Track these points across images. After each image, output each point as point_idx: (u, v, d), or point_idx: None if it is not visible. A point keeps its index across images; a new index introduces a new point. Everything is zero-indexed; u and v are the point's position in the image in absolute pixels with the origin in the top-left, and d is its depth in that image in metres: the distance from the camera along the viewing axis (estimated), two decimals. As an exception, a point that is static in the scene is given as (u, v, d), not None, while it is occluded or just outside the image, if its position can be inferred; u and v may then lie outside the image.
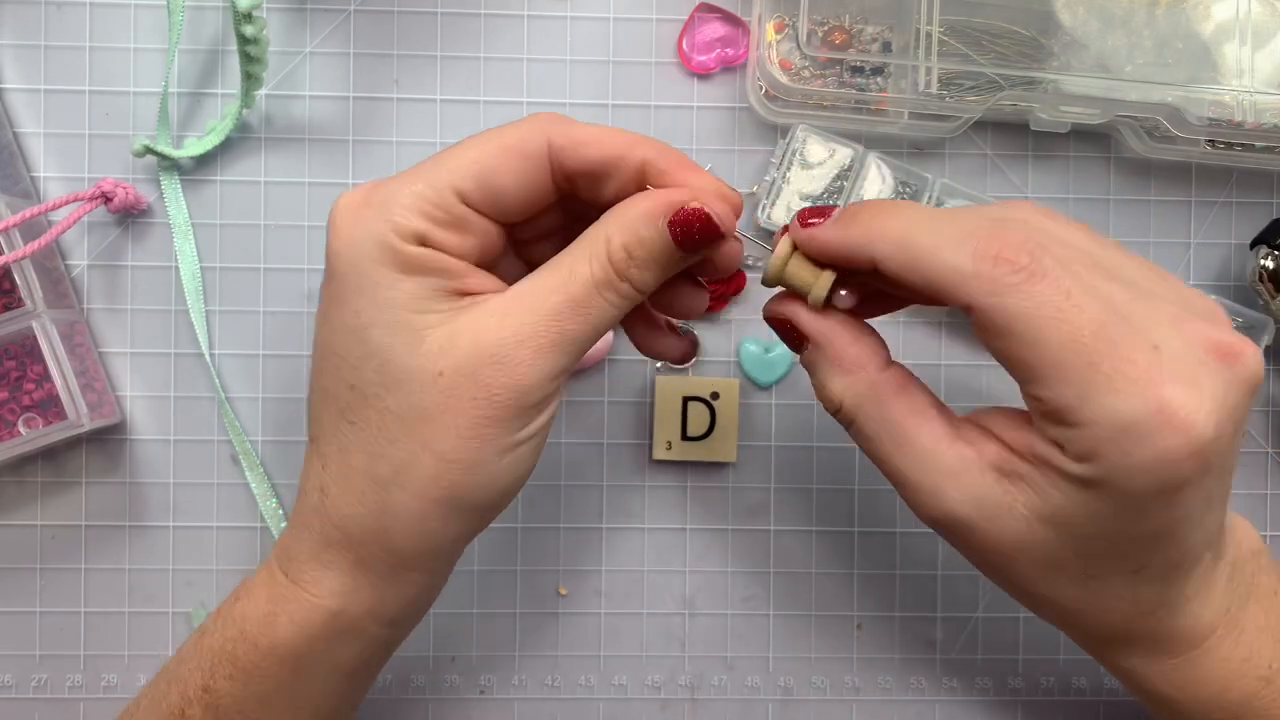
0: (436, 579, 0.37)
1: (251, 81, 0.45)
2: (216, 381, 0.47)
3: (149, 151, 0.46)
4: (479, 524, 0.35)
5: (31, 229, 0.44)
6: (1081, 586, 0.33)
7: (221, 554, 0.47)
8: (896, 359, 0.35)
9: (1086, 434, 0.30)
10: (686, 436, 0.48)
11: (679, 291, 0.36)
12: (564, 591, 0.48)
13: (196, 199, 0.47)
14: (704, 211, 0.33)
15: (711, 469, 0.49)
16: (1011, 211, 0.33)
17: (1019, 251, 0.30)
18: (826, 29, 0.47)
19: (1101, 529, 0.31)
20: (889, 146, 0.48)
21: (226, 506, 0.48)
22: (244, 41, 0.43)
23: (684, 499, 0.49)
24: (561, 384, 0.34)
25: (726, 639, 0.49)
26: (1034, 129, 0.47)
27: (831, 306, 0.35)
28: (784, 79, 0.46)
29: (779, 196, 0.47)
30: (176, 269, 0.47)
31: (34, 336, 0.44)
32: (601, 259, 0.33)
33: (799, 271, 0.34)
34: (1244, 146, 0.47)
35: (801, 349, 0.36)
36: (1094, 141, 0.49)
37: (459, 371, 0.32)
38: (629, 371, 0.48)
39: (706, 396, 0.47)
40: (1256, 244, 0.47)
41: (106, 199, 0.45)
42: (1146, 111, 0.45)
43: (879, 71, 0.47)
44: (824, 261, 0.34)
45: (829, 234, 0.34)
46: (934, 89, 0.45)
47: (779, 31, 0.47)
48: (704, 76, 0.48)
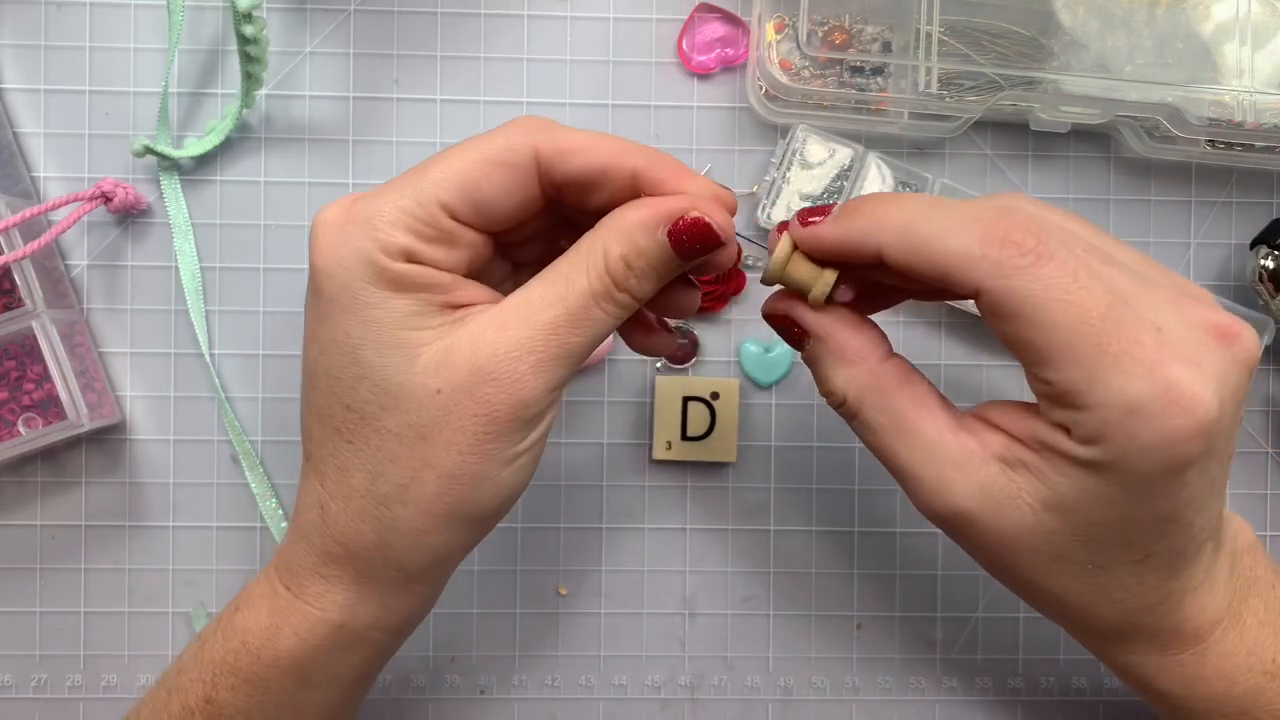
0: (439, 587, 0.37)
1: (251, 81, 0.45)
2: (216, 381, 0.47)
3: (149, 151, 0.46)
4: (481, 533, 0.35)
5: (31, 229, 0.44)
6: (1088, 578, 0.33)
7: (221, 554, 0.47)
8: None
9: (1094, 416, 0.30)
10: (686, 436, 0.48)
11: (672, 292, 0.36)
12: (564, 591, 0.48)
13: (196, 199, 0.47)
14: (704, 220, 0.32)
15: (711, 469, 0.49)
16: (1010, 200, 0.33)
17: (1025, 234, 0.30)
18: (826, 29, 0.47)
19: (1108, 514, 0.31)
20: (889, 146, 0.48)
21: (226, 506, 0.48)
22: (244, 41, 0.43)
23: (684, 499, 0.49)
24: (561, 394, 0.34)
25: (726, 639, 0.49)
26: (1034, 129, 0.47)
27: (831, 302, 0.35)
28: (784, 79, 0.46)
29: (779, 196, 0.47)
30: (176, 269, 0.47)
31: (34, 336, 0.44)
32: (599, 270, 0.32)
33: (799, 271, 0.34)
34: (1244, 146, 0.47)
35: (802, 345, 0.35)
36: (1094, 141, 0.49)
37: (457, 389, 0.32)
38: (629, 371, 0.48)
39: (706, 396, 0.47)
40: (1256, 244, 0.47)
41: (106, 199, 0.45)
42: (1146, 111, 0.45)
43: (879, 71, 0.47)
44: (827, 259, 0.34)
45: (831, 230, 0.33)
46: (934, 89, 0.45)
47: (779, 31, 0.47)
48: (704, 76, 0.48)
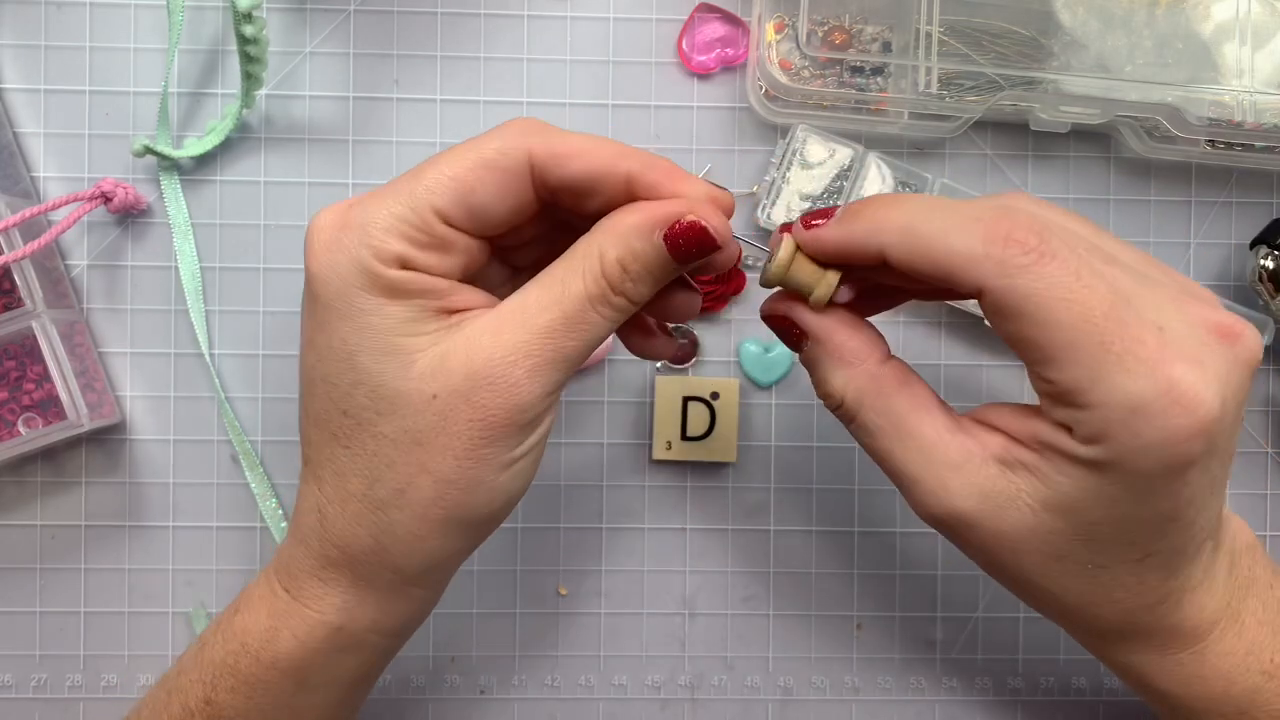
0: (438, 591, 0.37)
1: (251, 81, 0.45)
2: (216, 381, 0.47)
3: (149, 151, 0.46)
4: (480, 537, 0.35)
5: (31, 229, 0.44)
6: (1088, 577, 0.33)
7: (221, 554, 0.47)
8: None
9: (1096, 415, 0.30)
10: (686, 436, 0.48)
11: (671, 296, 0.36)
12: (564, 591, 0.48)
13: (196, 199, 0.47)
14: (699, 224, 0.32)
15: (711, 469, 0.49)
16: (1012, 200, 0.33)
17: (1028, 233, 0.30)
18: (826, 29, 0.47)
19: (1109, 514, 0.31)
20: (889, 146, 0.48)
21: (226, 506, 0.48)
22: (244, 41, 0.43)
23: (684, 499, 0.49)
24: (558, 398, 0.34)
25: (726, 639, 0.49)
26: (1034, 129, 0.47)
27: (831, 303, 0.35)
28: (784, 79, 0.46)
29: (779, 196, 0.47)
30: (176, 269, 0.47)
31: (34, 336, 0.44)
32: (595, 274, 0.32)
33: (801, 272, 0.34)
34: (1244, 146, 0.47)
35: (800, 347, 0.35)
36: (1094, 141, 0.49)
37: (453, 394, 0.32)
38: (629, 371, 0.48)
39: (706, 396, 0.47)
40: (1256, 244, 0.47)
41: (106, 199, 0.45)
42: (1146, 111, 0.45)
43: (879, 71, 0.47)
44: (829, 260, 0.34)
45: (834, 232, 0.33)
46: (934, 89, 0.45)
47: (779, 31, 0.47)
48: (704, 76, 0.48)
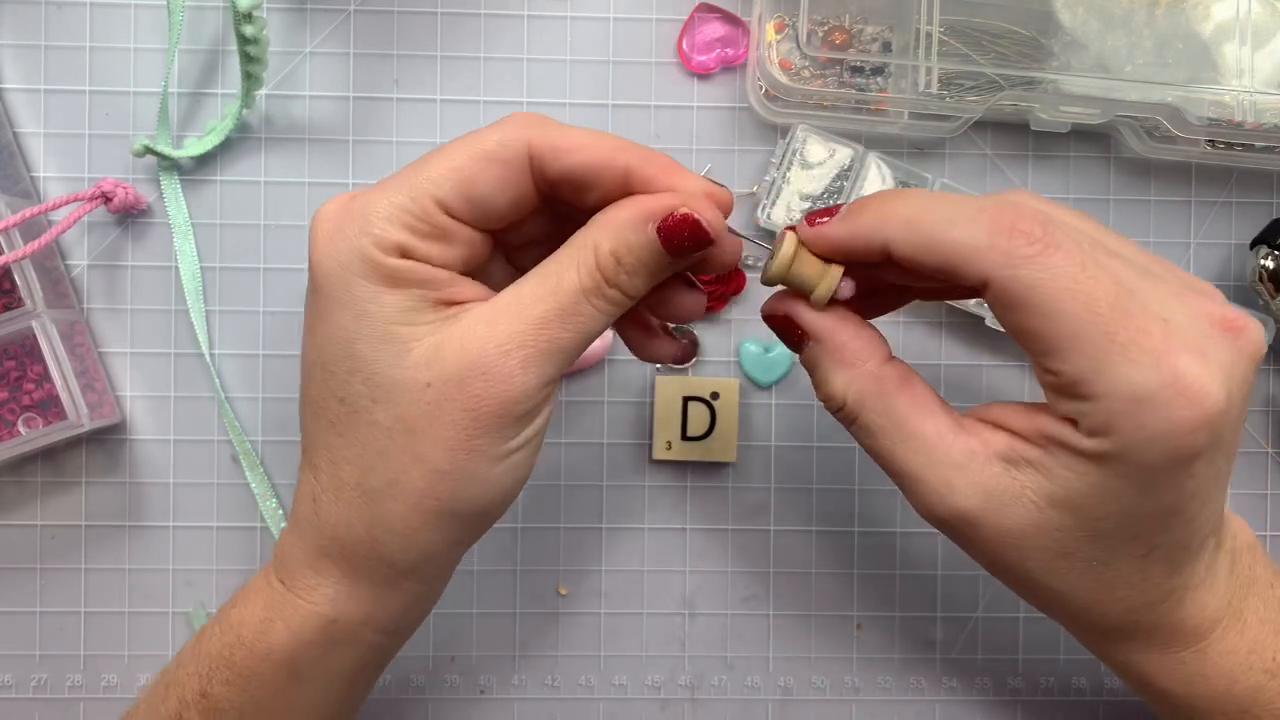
0: (433, 586, 0.37)
1: (251, 81, 0.45)
2: (216, 381, 0.47)
3: (149, 151, 0.46)
4: (474, 532, 0.35)
5: (31, 229, 0.44)
6: (1092, 574, 0.33)
7: (221, 554, 0.47)
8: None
9: (1101, 406, 0.30)
10: (686, 436, 0.48)
11: (676, 296, 0.36)
12: (564, 591, 0.48)
13: (196, 199, 0.47)
14: (693, 217, 0.32)
15: (711, 469, 0.49)
16: (1014, 195, 0.33)
17: (1033, 224, 0.30)
18: (826, 29, 0.47)
19: (1114, 508, 0.31)
20: (889, 146, 0.48)
21: (226, 506, 0.48)
22: (244, 41, 0.43)
23: (684, 499, 0.49)
24: (553, 391, 0.33)
25: (726, 639, 0.49)
26: (1034, 129, 0.47)
27: (832, 302, 0.35)
28: (784, 79, 0.46)
29: (779, 196, 0.47)
30: (176, 269, 0.47)
31: (34, 336, 0.44)
32: (590, 266, 0.32)
33: (804, 269, 0.34)
34: (1244, 146, 0.47)
35: (801, 347, 0.35)
36: (1094, 141, 0.49)
37: (446, 382, 0.32)
38: (629, 371, 0.48)
39: (706, 396, 0.47)
40: (1256, 244, 0.47)
41: (106, 199, 0.45)
42: (1146, 111, 0.45)
43: (879, 71, 0.47)
44: (833, 257, 0.34)
45: (839, 228, 0.33)
46: (934, 89, 0.45)
47: (779, 31, 0.47)
48: (704, 76, 0.48)
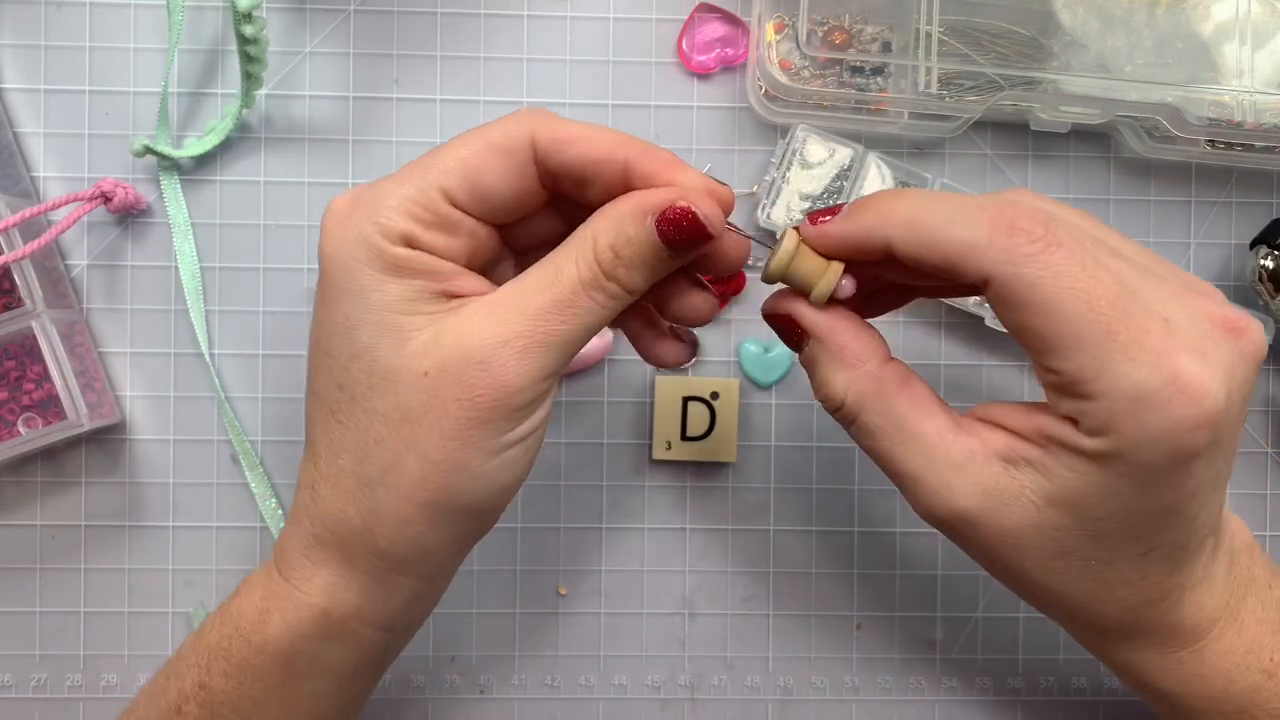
0: (431, 585, 0.36)
1: (251, 81, 0.45)
2: (216, 381, 0.47)
3: (149, 151, 0.46)
4: (469, 529, 0.35)
5: (31, 229, 0.44)
6: (1091, 574, 0.33)
7: (221, 554, 0.47)
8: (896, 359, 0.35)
9: (1101, 405, 0.30)
10: (686, 436, 0.48)
11: (685, 297, 0.36)
12: (564, 591, 0.48)
13: (196, 199, 0.47)
14: (690, 210, 0.32)
15: (711, 469, 0.49)
16: (1016, 194, 0.33)
17: (1033, 222, 0.30)
18: (826, 29, 0.47)
19: (1114, 507, 0.31)
20: (889, 146, 0.48)
21: (226, 506, 0.48)
22: (244, 41, 0.43)
23: (684, 499, 0.49)
24: (551, 386, 0.33)
25: (726, 639, 0.49)
26: (1034, 129, 0.47)
27: (832, 301, 0.34)
28: (784, 79, 0.46)
29: (779, 196, 0.47)
30: (176, 269, 0.47)
31: (34, 336, 0.44)
32: (588, 259, 0.32)
33: (804, 265, 0.34)
34: (1244, 146, 0.47)
35: (801, 346, 0.35)
36: (1094, 141, 0.49)
37: (443, 372, 0.32)
38: (629, 371, 0.48)
39: (706, 396, 0.47)
40: (1256, 244, 0.47)
41: (106, 199, 0.45)
42: (1146, 111, 0.45)
43: (879, 71, 0.47)
44: (835, 255, 0.34)
45: (840, 227, 0.33)
46: (934, 89, 0.45)
47: (779, 31, 0.47)
48: (704, 76, 0.48)
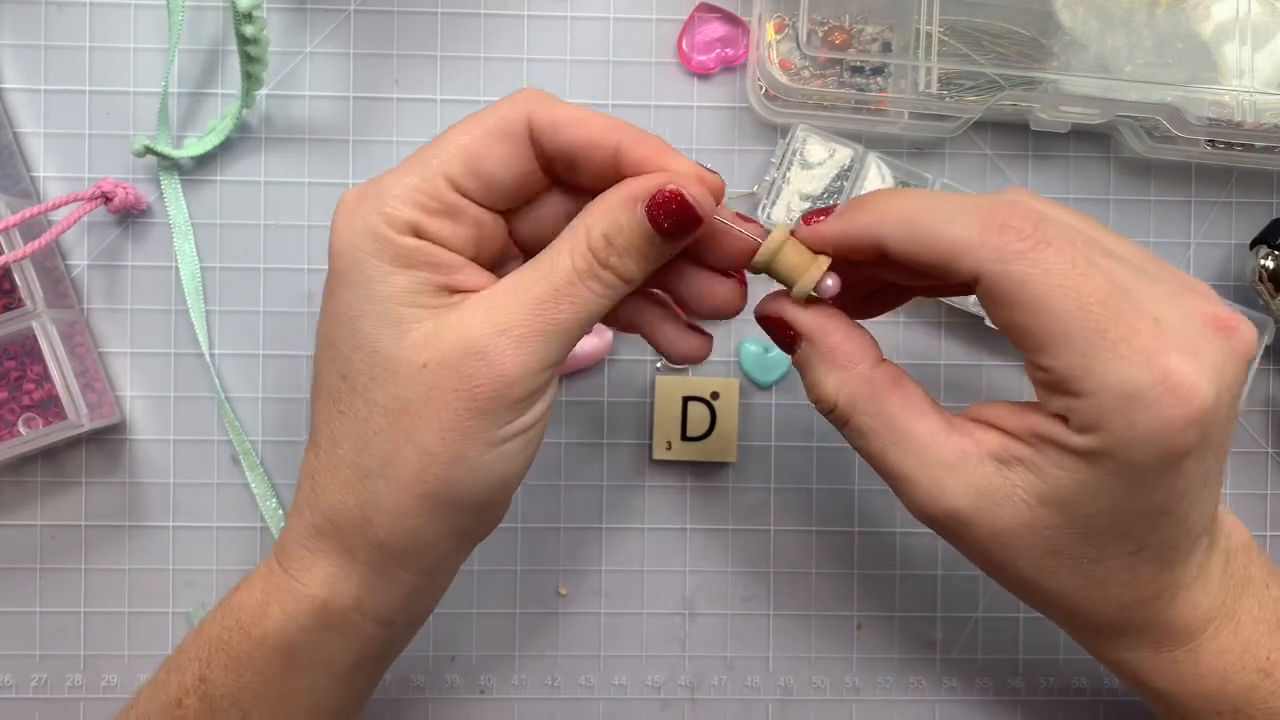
0: (432, 580, 0.36)
1: (251, 81, 0.45)
2: (216, 381, 0.47)
3: (149, 151, 0.46)
4: (469, 523, 0.35)
5: (31, 229, 0.44)
6: (1083, 572, 0.33)
7: (221, 554, 0.47)
8: (897, 359, 0.35)
9: (1091, 403, 0.30)
10: (686, 436, 0.48)
11: (713, 287, 0.36)
12: (564, 591, 0.48)
13: (196, 199, 0.47)
14: (679, 193, 0.32)
15: (711, 469, 0.49)
16: (1012, 194, 0.33)
17: (1024, 221, 0.31)
18: (826, 29, 0.47)
19: (1104, 506, 0.32)
20: (889, 146, 0.48)
21: (226, 506, 0.48)
22: (244, 41, 0.43)
23: (684, 499, 0.49)
24: (551, 380, 0.34)
25: (726, 639, 0.49)
26: (1034, 129, 0.47)
27: (822, 302, 0.35)
28: (784, 79, 0.46)
29: (779, 196, 0.47)
30: (176, 269, 0.47)
31: (34, 336, 0.44)
32: (582, 248, 0.33)
33: (791, 258, 0.34)
34: (1244, 146, 0.47)
35: (793, 348, 0.35)
36: (1094, 141, 0.49)
37: (442, 364, 0.32)
38: (629, 371, 0.48)
39: (706, 396, 0.47)
40: (1256, 244, 0.47)
41: (106, 199, 0.45)
42: (1146, 111, 0.45)
43: (879, 71, 0.47)
44: (829, 253, 0.34)
45: (834, 226, 0.34)
46: (934, 89, 0.45)
47: (779, 31, 0.47)
48: (704, 76, 0.48)
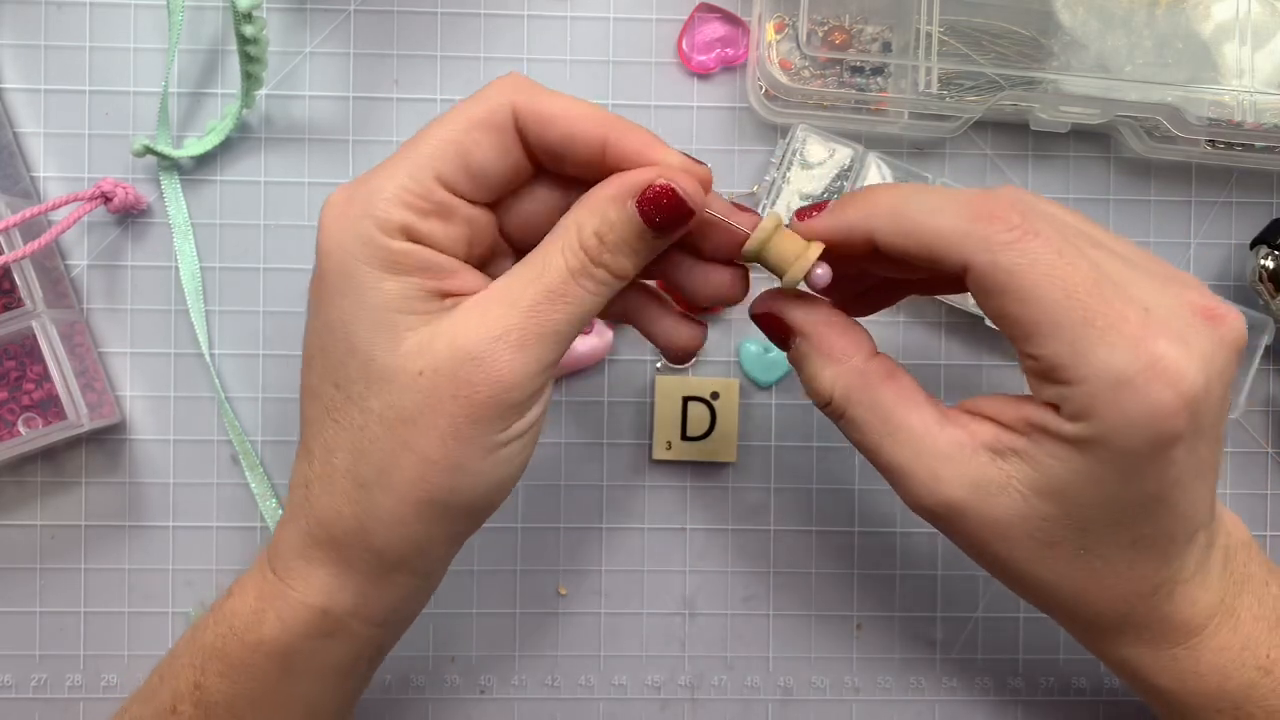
0: (427, 580, 0.36)
1: (251, 81, 0.45)
2: (216, 381, 0.47)
3: (149, 151, 0.46)
4: (466, 526, 0.35)
5: (31, 229, 0.44)
6: (1079, 564, 0.33)
7: (221, 554, 0.47)
8: (897, 359, 0.35)
9: (1081, 391, 0.30)
10: (686, 436, 0.48)
11: (712, 276, 0.35)
12: (564, 591, 0.48)
13: (196, 199, 0.47)
14: (670, 188, 0.32)
15: (711, 469, 0.49)
16: (1002, 189, 0.34)
17: (1011, 211, 0.31)
18: (826, 29, 0.47)
19: (1098, 495, 0.32)
20: (889, 146, 0.48)
21: (226, 506, 0.48)
22: (244, 41, 0.43)
23: (684, 499, 0.49)
24: (547, 382, 0.33)
25: (726, 639, 0.49)
26: (1034, 129, 0.47)
27: (815, 298, 0.35)
28: (784, 79, 0.46)
29: (779, 196, 0.47)
30: (176, 269, 0.47)
31: (34, 336, 0.44)
32: (574, 247, 0.33)
33: (782, 247, 0.34)
34: (1244, 146, 0.47)
35: (789, 345, 0.36)
36: (1094, 141, 0.49)
37: (438, 371, 0.32)
38: (629, 371, 0.48)
39: (706, 396, 0.47)
40: (1256, 244, 0.47)
41: (106, 199, 0.45)
42: (1146, 111, 0.45)
43: (879, 71, 0.47)
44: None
45: (826, 221, 0.34)
46: (934, 89, 0.45)
47: (779, 31, 0.47)
48: (704, 76, 0.48)
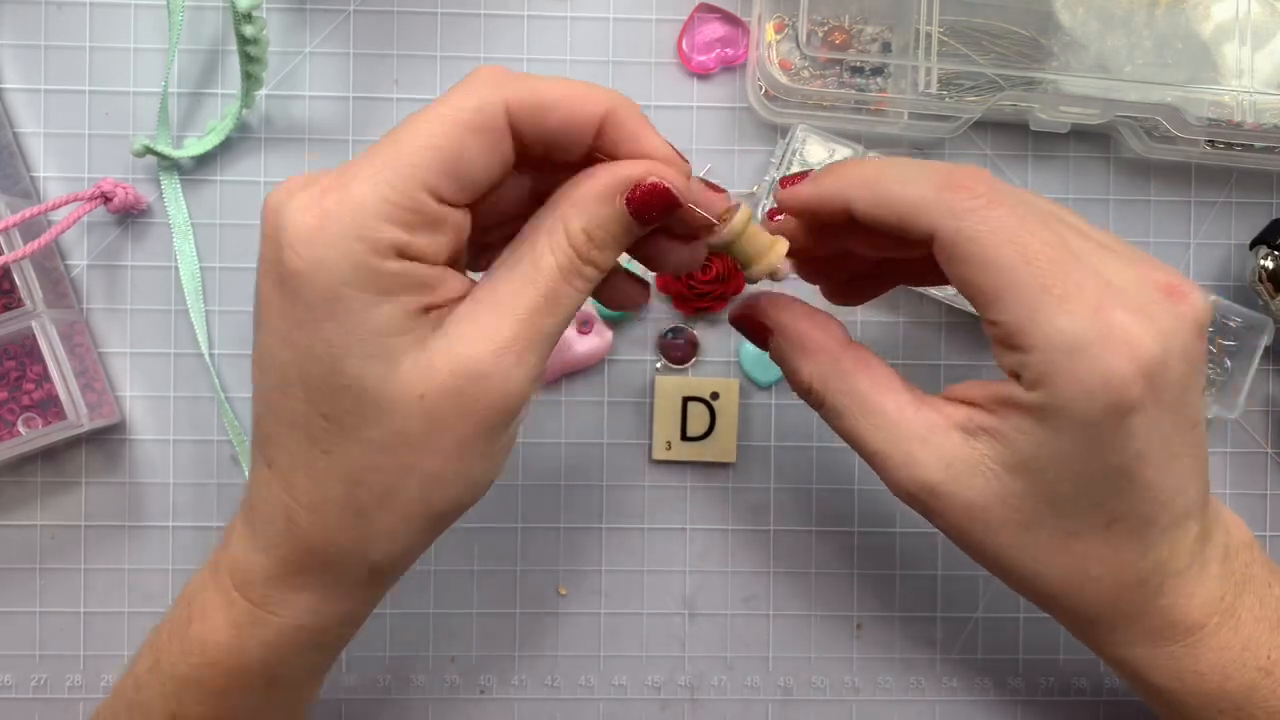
0: (402, 574, 0.37)
1: (251, 81, 0.45)
2: (216, 382, 0.47)
3: (149, 151, 0.46)
4: (448, 525, 0.35)
5: (31, 229, 0.44)
6: (1061, 550, 0.34)
7: (221, 554, 0.47)
8: (897, 360, 0.36)
9: (1038, 358, 0.31)
10: (686, 436, 0.48)
11: (672, 250, 0.35)
12: (564, 591, 0.48)
13: (196, 199, 0.47)
14: (663, 186, 0.32)
15: (711, 469, 0.49)
16: (971, 165, 0.35)
17: (976, 181, 0.32)
18: (826, 29, 0.47)
19: (1064, 469, 0.32)
20: (889, 146, 0.48)
21: (226, 506, 0.47)
22: (244, 41, 0.43)
23: (684, 499, 0.49)
24: (538, 380, 0.33)
25: (726, 639, 0.49)
26: (1034, 129, 0.47)
27: (787, 298, 0.37)
28: (784, 79, 0.46)
29: (779, 196, 0.47)
30: (176, 269, 0.47)
31: (34, 336, 0.44)
32: (563, 246, 0.32)
33: (752, 241, 0.35)
34: (1244, 146, 0.47)
35: (767, 344, 0.37)
36: (1094, 141, 0.49)
37: (441, 392, 0.31)
38: (629, 371, 0.48)
39: (706, 396, 0.47)
40: (1256, 244, 0.47)
41: (106, 199, 0.45)
42: (1146, 111, 0.45)
43: (879, 71, 0.47)
44: (802, 216, 0.36)
45: (807, 189, 0.35)
46: (934, 89, 0.45)
47: (779, 31, 0.47)
48: (704, 76, 0.48)
